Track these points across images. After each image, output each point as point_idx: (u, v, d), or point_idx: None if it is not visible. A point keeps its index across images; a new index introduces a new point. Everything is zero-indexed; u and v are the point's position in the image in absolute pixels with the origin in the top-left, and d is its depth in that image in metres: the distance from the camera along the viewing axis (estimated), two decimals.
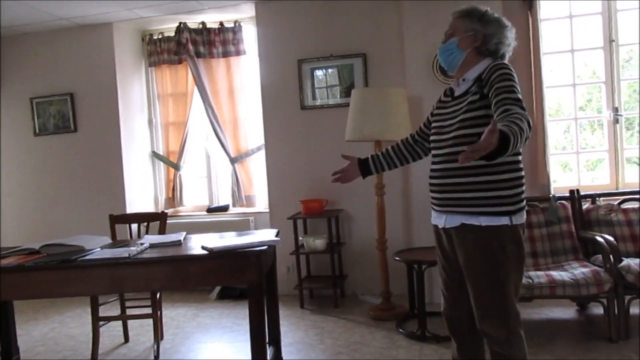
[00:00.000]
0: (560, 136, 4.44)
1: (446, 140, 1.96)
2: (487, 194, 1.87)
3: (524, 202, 1.94)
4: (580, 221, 3.66)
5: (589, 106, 4.40)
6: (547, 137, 3.96)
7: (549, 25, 4.20)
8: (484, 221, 1.87)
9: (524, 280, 3.08)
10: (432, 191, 2.05)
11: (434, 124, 2.09)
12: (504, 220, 1.87)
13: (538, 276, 3.15)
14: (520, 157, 1.93)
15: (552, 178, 4.00)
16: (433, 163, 2.05)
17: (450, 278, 2.11)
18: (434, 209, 2.07)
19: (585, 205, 3.74)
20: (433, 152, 2.07)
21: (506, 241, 1.88)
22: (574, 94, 4.23)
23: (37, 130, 5.15)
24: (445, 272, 2.13)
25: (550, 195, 3.75)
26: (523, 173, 1.95)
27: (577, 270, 3.17)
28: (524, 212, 1.94)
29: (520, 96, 1.81)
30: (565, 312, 3.70)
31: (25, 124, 5.17)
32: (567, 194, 3.74)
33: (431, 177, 2.05)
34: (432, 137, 2.08)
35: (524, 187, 1.94)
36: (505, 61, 1.99)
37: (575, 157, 4.27)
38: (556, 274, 3.17)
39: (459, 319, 2.11)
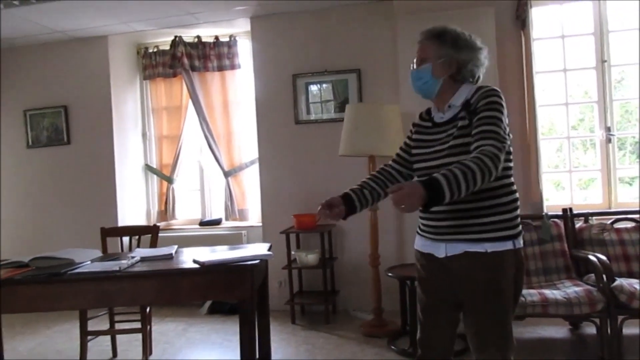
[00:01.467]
0: (553, 155, 4.48)
1: (438, 167, 1.83)
2: (490, 219, 1.81)
3: (520, 225, 1.90)
4: (573, 240, 3.67)
5: (581, 125, 4.45)
6: (539, 156, 3.99)
7: (542, 44, 4.26)
8: (489, 247, 1.80)
9: None
10: (426, 219, 1.94)
11: (416, 151, 1.99)
12: (508, 245, 1.82)
13: (531, 294, 3.15)
14: (512, 179, 1.89)
15: (544, 196, 4.02)
16: None
17: (434, 307, 2.00)
18: (425, 236, 1.95)
19: (578, 224, 3.75)
20: (424, 179, 1.89)
21: (510, 266, 1.84)
22: (567, 113, 4.27)
23: (30, 143, 5.14)
24: (430, 300, 2.01)
25: (543, 214, 3.76)
26: (517, 195, 1.92)
27: (570, 289, 3.18)
28: (522, 237, 1.91)
29: (502, 128, 1.75)
30: (558, 331, 3.70)
31: (18, 136, 5.16)
32: (560, 213, 3.76)
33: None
34: (417, 165, 1.97)
35: (519, 210, 1.91)
36: (480, 83, 1.93)
37: (568, 176, 4.30)
38: (549, 293, 3.16)
39: (436, 351, 2.01)
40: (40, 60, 5.10)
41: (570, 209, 3.76)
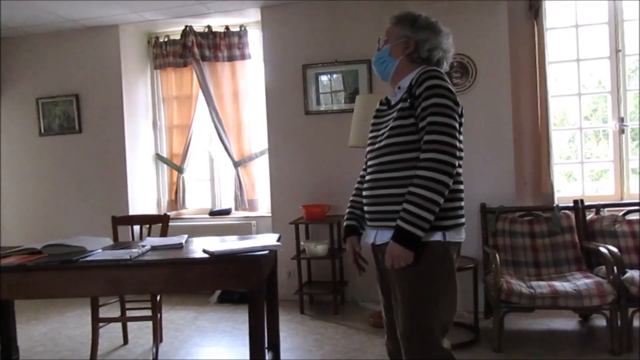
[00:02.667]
0: (564, 145, 4.43)
1: (377, 149, 1.84)
2: (402, 206, 1.71)
3: (462, 218, 1.80)
4: (583, 232, 3.65)
5: (594, 116, 4.40)
6: (551, 147, 3.95)
7: (555, 34, 4.20)
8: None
9: (526, 290, 3.08)
10: (365, 204, 1.91)
11: (370, 135, 1.98)
12: (436, 236, 1.73)
13: (540, 286, 3.14)
14: (459, 170, 1.78)
15: (556, 188, 3.98)
16: (367, 174, 1.92)
17: (387, 301, 1.94)
18: (367, 224, 1.94)
19: (589, 215, 3.73)
20: (368, 162, 1.92)
21: (435, 260, 1.74)
22: (579, 104, 4.22)
23: (42, 131, 5.18)
24: (385, 297, 1.97)
25: (554, 205, 3.74)
26: (462, 187, 1.82)
27: (580, 281, 3.16)
28: (462, 230, 1.80)
29: (446, 115, 1.69)
30: (567, 323, 3.68)
31: (30, 124, 5.20)
32: (571, 204, 3.73)
33: (365, 189, 1.91)
34: (368, 148, 1.95)
35: (462, 202, 1.80)
36: (441, 68, 1.89)
37: (580, 167, 4.25)
38: (559, 285, 3.15)
39: (398, 350, 1.87)
40: (53, 48, 5.13)
41: (582, 201, 3.73)
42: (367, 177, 1.90)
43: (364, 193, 1.90)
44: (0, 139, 5.30)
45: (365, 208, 1.90)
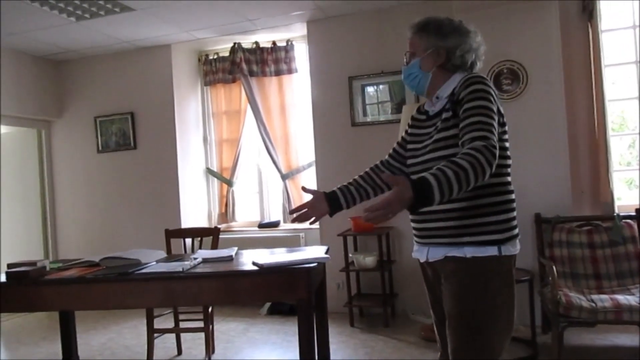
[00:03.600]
0: (624, 151, 4.22)
1: (421, 163, 1.75)
2: (472, 221, 1.64)
3: (516, 229, 1.70)
4: None
5: None
6: (609, 153, 3.77)
7: (611, 36, 4.03)
8: (468, 252, 1.64)
9: (586, 304, 2.93)
10: (412, 221, 1.82)
11: (409, 146, 1.88)
12: (491, 251, 1.64)
13: (602, 300, 2.98)
14: (508, 178, 1.71)
15: (615, 196, 3.79)
16: None
17: (441, 320, 1.83)
18: (415, 241, 1.85)
19: None
20: (412, 176, 1.79)
21: (492, 276, 1.65)
22: (639, 107, 4.01)
23: (100, 148, 5.41)
24: (436, 314, 1.88)
25: (615, 214, 3.55)
26: (514, 196, 1.72)
27: None
28: (517, 242, 1.71)
29: (492, 118, 1.60)
30: (633, 339, 3.47)
31: (89, 141, 5.45)
32: (633, 213, 3.54)
33: None
34: (409, 161, 1.86)
35: (515, 213, 1.71)
36: (477, 70, 1.80)
37: None
38: (622, 298, 2.98)
39: None
40: (109, 69, 5.37)
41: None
42: None
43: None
44: (60, 156, 5.58)
45: (414, 225, 1.81)
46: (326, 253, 2.69)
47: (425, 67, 1.80)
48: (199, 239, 3.62)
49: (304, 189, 2.07)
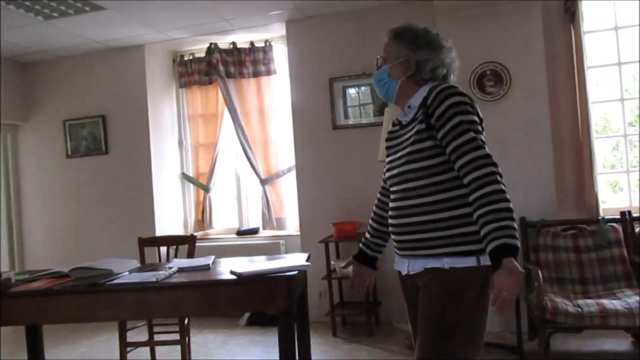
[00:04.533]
0: (608, 154, 4.31)
1: (398, 175, 1.78)
2: (450, 232, 1.67)
3: None
4: (632, 245, 3.51)
5: (639, 121, 4.26)
6: (594, 155, 3.84)
7: (594, 37, 4.11)
8: (447, 263, 1.67)
9: (573, 309, 2.97)
10: (392, 233, 1.86)
11: (387, 158, 1.91)
12: (470, 261, 1.66)
13: (588, 304, 3.02)
14: None
15: (600, 199, 3.86)
16: (391, 200, 1.85)
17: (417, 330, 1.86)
18: (396, 253, 1.87)
19: (638, 228, 3.59)
20: (391, 188, 1.85)
21: (471, 287, 1.67)
22: (623, 109, 4.10)
23: (70, 153, 5.32)
24: (414, 327, 1.89)
25: (599, 217, 3.62)
26: None
27: (631, 299, 3.03)
28: None
29: (476, 130, 1.64)
30: (619, 344, 3.53)
31: (58, 146, 5.36)
32: (618, 216, 3.60)
33: (390, 217, 1.85)
34: (387, 173, 1.88)
35: None
36: (449, 82, 1.81)
37: (626, 176, 4.12)
38: (608, 303, 3.03)
39: None
40: (79, 70, 5.29)
41: (629, 212, 3.60)
42: (392, 205, 1.83)
43: (390, 221, 1.85)
44: (27, 162, 5.47)
45: (394, 237, 1.85)
46: (307, 260, 2.67)
47: (394, 74, 1.83)
48: (174, 247, 3.58)
49: (345, 267, 2.17)
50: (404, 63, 1.81)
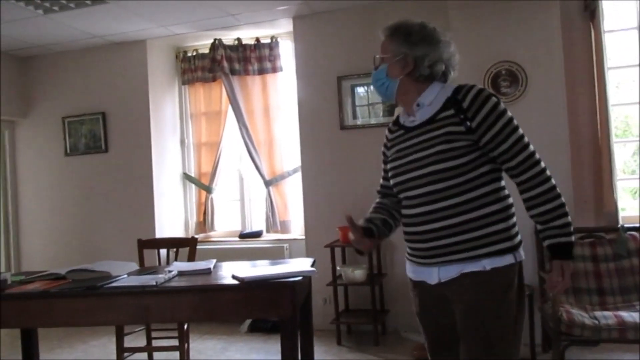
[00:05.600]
0: (628, 159, 4.28)
1: (420, 177, 1.75)
2: (484, 231, 1.69)
3: (520, 235, 1.81)
4: None
5: None
6: (613, 160, 3.82)
7: (615, 37, 4.09)
8: (487, 264, 1.69)
9: (589, 321, 2.95)
10: (411, 241, 1.82)
11: (393, 164, 1.88)
12: (508, 259, 1.71)
13: (605, 317, 3.00)
14: (503, 183, 1.78)
15: (620, 206, 3.83)
16: (406, 207, 1.82)
17: (438, 341, 1.91)
18: (414, 261, 1.84)
19: None
20: (404, 194, 1.83)
21: (510, 286, 1.73)
22: None
23: (68, 150, 5.35)
24: (431, 337, 1.93)
25: (619, 226, 3.59)
26: (512, 200, 1.80)
27: None
28: (522, 247, 1.81)
29: (519, 129, 1.73)
30: (637, 358, 3.51)
31: (57, 143, 5.39)
32: (638, 224, 3.58)
33: (408, 225, 1.83)
34: (396, 179, 1.86)
35: (515, 217, 1.79)
36: (451, 80, 1.85)
37: None
38: (627, 315, 3.01)
39: None
40: (79, 66, 5.32)
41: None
42: (413, 211, 1.79)
43: (410, 229, 1.82)
44: (25, 159, 5.51)
45: (416, 245, 1.81)
46: (312, 266, 2.68)
47: (392, 73, 1.84)
48: (175, 249, 3.59)
49: (349, 220, 1.95)
50: (401, 61, 1.82)
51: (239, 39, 5.07)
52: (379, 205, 2.04)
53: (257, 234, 5.10)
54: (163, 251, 3.67)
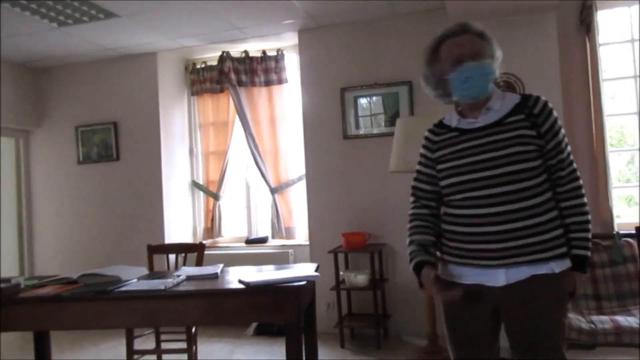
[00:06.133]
0: (623, 167, 4.26)
1: (493, 177, 1.70)
2: (552, 234, 1.71)
3: None
4: None
5: None
6: (608, 169, 3.80)
7: (609, 50, 4.08)
8: (556, 267, 1.69)
9: (586, 326, 2.93)
10: (476, 242, 1.73)
11: (449, 164, 1.80)
12: (568, 263, 1.73)
13: (602, 321, 2.98)
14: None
15: (615, 213, 3.81)
16: (468, 207, 1.75)
17: (481, 349, 1.82)
18: (473, 263, 1.75)
19: None
20: (464, 194, 1.76)
21: (565, 289, 1.75)
22: (639, 122, 4.06)
23: (81, 159, 5.36)
24: (476, 346, 1.82)
25: (614, 232, 3.57)
26: None
27: None
28: None
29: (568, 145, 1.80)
30: None
31: (70, 152, 5.40)
32: (633, 231, 3.55)
33: (472, 225, 1.74)
34: (453, 179, 1.78)
35: None
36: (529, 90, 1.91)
37: None
38: (622, 320, 2.98)
39: None
40: (91, 77, 5.34)
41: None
42: (482, 211, 1.71)
43: (476, 230, 1.73)
44: (39, 167, 5.52)
45: (485, 246, 1.72)
46: (316, 271, 2.67)
47: (496, 72, 1.83)
48: (183, 255, 3.58)
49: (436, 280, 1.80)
50: (497, 63, 1.83)
51: (246, 52, 5.08)
52: (422, 224, 1.89)
53: (262, 240, 5.09)
54: (172, 256, 3.66)
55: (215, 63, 5.17)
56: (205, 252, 3.60)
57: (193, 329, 3.43)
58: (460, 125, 1.85)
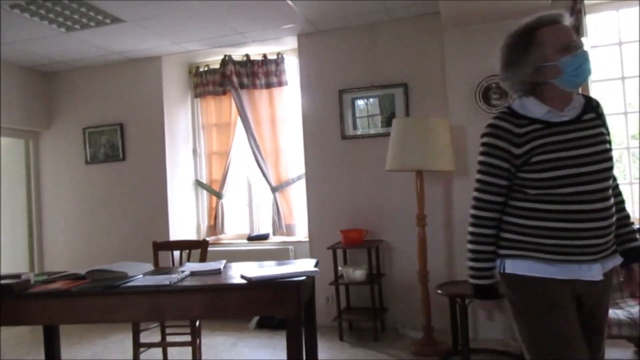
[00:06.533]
0: None
1: (597, 172, 1.61)
2: (622, 230, 1.81)
3: None
4: None
5: None
6: None
7: (598, 52, 4.09)
8: (618, 261, 1.77)
9: None
10: (583, 237, 1.60)
11: (550, 156, 1.61)
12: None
13: None
14: None
15: None
16: (578, 202, 1.60)
17: (581, 338, 1.68)
18: (568, 259, 1.62)
19: None
20: (573, 188, 1.60)
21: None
22: (626, 122, 4.08)
23: (89, 159, 5.37)
24: (577, 339, 1.66)
25: None
26: None
27: (634, 309, 2.99)
28: None
29: None
30: (622, 353, 3.49)
31: (78, 152, 5.41)
32: None
33: (581, 221, 1.60)
34: (561, 172, 1.60)
35: None
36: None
37: (629, 188, 4.08)
38: (611, 312, 2.99)
39: None
40: (98, 80, 5.35)
41: (632, 223, 3.55)
42: (592, 207, 1.60)
43: (585, 225, 1.60)
44: (48, 167, 5.53)
45: (592, 241, 1.61)
46: (315, 266, 2.68)
47: None
48: (187, 251, 3.59)
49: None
50: None
51: (247, 55, 5.09)
52: (492, 232, 1.73)
53: (264, 237, 5.10)
54: (176, 253, 3.68)
55: (217, 66, 5.18)
56: (209, 249, 3.62)
57: (197, 323, 3.44)
58: (546, 117, 1.67)
